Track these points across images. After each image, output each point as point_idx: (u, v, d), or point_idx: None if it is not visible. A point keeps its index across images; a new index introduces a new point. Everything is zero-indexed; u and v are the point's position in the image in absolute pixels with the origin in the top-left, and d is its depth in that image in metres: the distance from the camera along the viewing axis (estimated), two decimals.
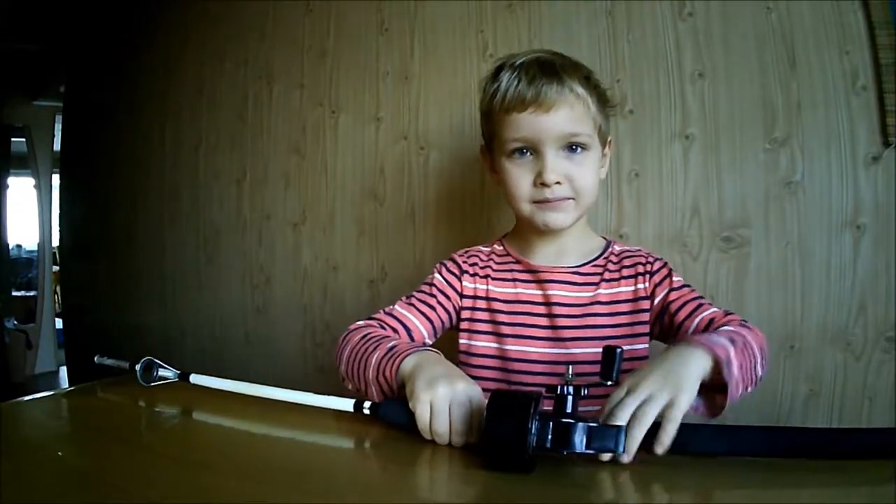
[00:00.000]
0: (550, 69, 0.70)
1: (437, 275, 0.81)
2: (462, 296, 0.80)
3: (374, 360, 0.62)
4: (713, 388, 0.55)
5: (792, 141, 0.89)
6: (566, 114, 0.69)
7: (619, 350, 0.46)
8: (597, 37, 1.02)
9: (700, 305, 0.71)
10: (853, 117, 0.86)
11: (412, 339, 0.75)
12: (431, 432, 0.51)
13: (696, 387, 0.51)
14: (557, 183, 0.70)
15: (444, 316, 0.78)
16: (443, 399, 0.51)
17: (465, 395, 0.52)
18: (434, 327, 0.77)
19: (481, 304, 0.79)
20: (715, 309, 0.71)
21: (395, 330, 0.74)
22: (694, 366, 0.53)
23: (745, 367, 0.57)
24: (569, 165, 0.71)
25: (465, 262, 0.81)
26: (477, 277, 0.80)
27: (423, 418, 0.51)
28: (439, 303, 0.78)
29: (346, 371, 0.68)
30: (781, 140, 0.90)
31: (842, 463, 0.46)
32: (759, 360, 0.61)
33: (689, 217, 0.95)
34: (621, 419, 0.47)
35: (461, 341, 0.80)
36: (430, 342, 0.77)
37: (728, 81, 0.93)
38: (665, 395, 0.49)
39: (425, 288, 0.80)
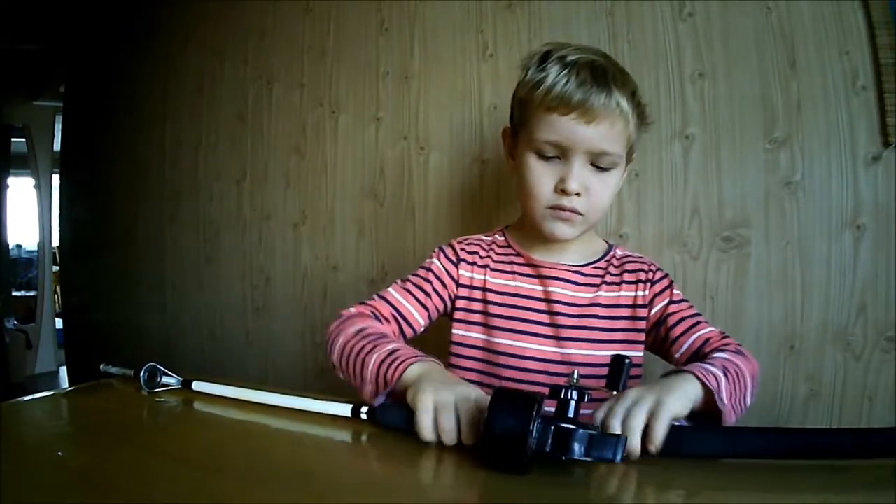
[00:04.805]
0: (602, 77, 0.66)
1: (435, 260, 0.80)
2: (458, 284, 0.79)
3: (372, 360, 0.62)
4: (705, 418, 0.55)
5: (792, 141, 0.89)
6: (606, 129, 0.66)
7: (627, 360, 0.46)
8: (597, 37, 1.02)
9: (697, 323, 0.72)
10: (853, 117, 0.86)
11: (405, 327, 0.75)
12: (437, 430, 0.50)
13: (686, 403, 0.52)
14: (577, 194, 0.69)
15: (439, 303, 0.78)
16: (446, 399, 0.51)
17: (468, 397, 0.52)
18: (429, 314, 0.77)
19: (477, 294, 0.78)
20: (712, 329, 0.71)
21: (387, 320, 0.74)
22: (684, 385, 0.53)
23: (735, 398, 0.57)
24: (593, 179, 0.69)
25: (462, 249, 0.80)
26: (475, 267, 0.79)
27: (425, 418, 0.51)
28: (435, 290, 0.78)
29: (338, 361, 0.68)
30: (781, 140, 0.90)
31: (840, 463, 0.46)
32: (749, 390, 0.61)
33: (689, 217, 0.95)
34: (614, 427, 0.48)
35: (455, 332, 0.79)
36: (424, 328, 0.78)
37: (728, 81, 0.93)
38: (651, 397, 0.50)
39: (422, 273, 0.79)
